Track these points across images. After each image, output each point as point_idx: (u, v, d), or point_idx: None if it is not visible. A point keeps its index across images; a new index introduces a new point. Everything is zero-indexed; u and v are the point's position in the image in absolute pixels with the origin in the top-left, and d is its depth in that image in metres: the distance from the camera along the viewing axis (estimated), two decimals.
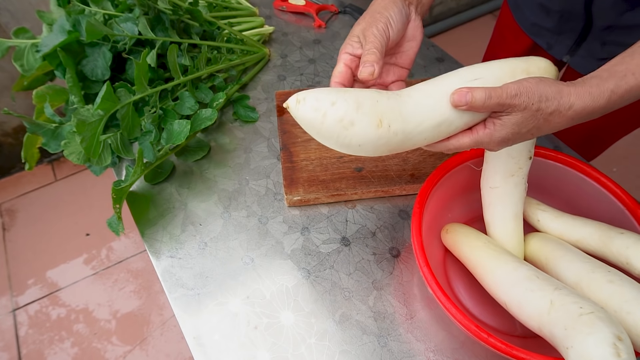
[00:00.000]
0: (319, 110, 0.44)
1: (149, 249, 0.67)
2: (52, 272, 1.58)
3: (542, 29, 0.80)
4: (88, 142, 0.65)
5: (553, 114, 0.43)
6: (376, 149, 0.46)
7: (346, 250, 0.65)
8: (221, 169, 0.75)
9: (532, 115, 0.43)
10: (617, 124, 0.85)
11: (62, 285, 1.55)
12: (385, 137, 0.45)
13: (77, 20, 0.75)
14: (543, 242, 0.59)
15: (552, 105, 0.43)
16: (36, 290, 1.54)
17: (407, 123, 0.45)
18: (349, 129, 0.44)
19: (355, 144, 0.45)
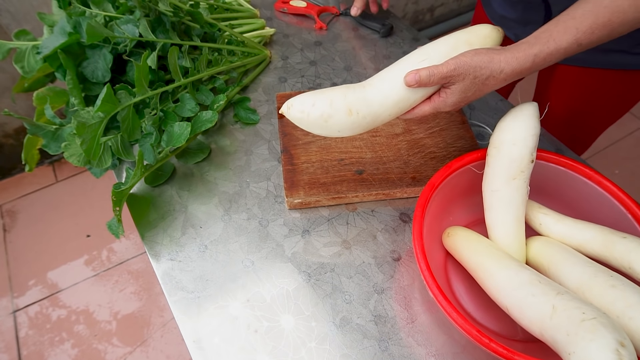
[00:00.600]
0: (303, 112, 0.58)
1: (149, 251, 0.67)
2: (53, 273, 1.58)
3: (510, 20, 0.84)
4: (88, 145, 0.65)
5: (488, 79, 0.54)
6: (352, 130, 0.59)
7: (347, 254, 0.65)
8: (222, 171, 0.75)
9: (471, 82, 0.54)
10: (602, 112, 0.86)
11: (63, 287, 1.55)
12: (357, 121, 0.58)
13: (78, 22, 0.75)
14: (545, 245, 0.59)
15: (486, 72, 0.53)
16: (37, 291, 1.54)
17: (372, 107, 0.58)
18: (328, 121, 0.58)
19: (335, 131, 0.59)
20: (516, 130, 0.56)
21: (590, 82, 0.79)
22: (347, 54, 0.95)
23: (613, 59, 0.74)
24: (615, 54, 0.73)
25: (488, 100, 0.85)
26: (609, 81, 0.78)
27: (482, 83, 0.54)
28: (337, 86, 0.60)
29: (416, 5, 2.21)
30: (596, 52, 0.58)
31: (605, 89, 0.80)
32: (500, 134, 0.57)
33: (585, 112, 0.86)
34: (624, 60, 0.73)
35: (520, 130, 0.56)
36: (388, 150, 0.74)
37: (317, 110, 0.57)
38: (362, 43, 0.98)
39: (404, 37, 0.99)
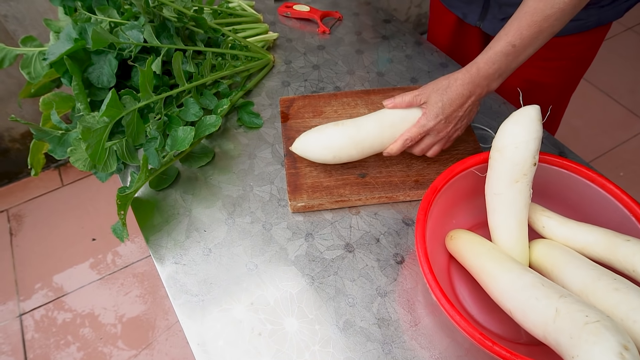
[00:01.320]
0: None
1: (153, 255, 0.67)
2: (59, 276, 1.59)
3: (456, 1, 0.93)
4: (93, 149, 0.66)
5: (448, 88, 0.64)
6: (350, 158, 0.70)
7: (350, 257, 0.65)
8: (225, 175, 0.76)
9: (436, 93, 0.65)
10: (556, 80, 0.92)
11: (68, 290, 1.56)
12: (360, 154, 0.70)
13: (84, 29, 0.76)
14: (548, 248, 0.59)
15: (444, 82, 0.65)
16: (43, 295, 1.55)
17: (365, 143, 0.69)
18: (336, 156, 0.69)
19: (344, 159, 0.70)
20: (518, 134, 0.56)
21: (540, 50, 0.86)
22: (349, 58, 0.96)
23: None
24: None
25: (491, 104, 0.85)
26: (551, 46, 0.82)
27: (444, 91, 0.64)
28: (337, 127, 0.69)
29: (419, 8, 2.22)
30: None
31: (549, 53, 0.86)
32: (503, 138, 0.58)
33: (542, 83, 0.92)
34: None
35: (522, 134, 0.56)
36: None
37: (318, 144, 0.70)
38: (365, 47, 0.98)
39: (406, 41, 0.99)
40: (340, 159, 0.69)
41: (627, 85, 2.05)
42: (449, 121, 0.66)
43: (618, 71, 2.08)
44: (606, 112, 1.96)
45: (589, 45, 0.86)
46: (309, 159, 0.71)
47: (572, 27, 0.80)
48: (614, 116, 1.95)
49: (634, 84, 2.05)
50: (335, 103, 0.83)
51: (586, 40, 0.84)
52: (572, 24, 0.79)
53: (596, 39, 0.86)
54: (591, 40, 0.85)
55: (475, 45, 0.99)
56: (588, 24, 0.80)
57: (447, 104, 0.65)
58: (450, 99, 0.64)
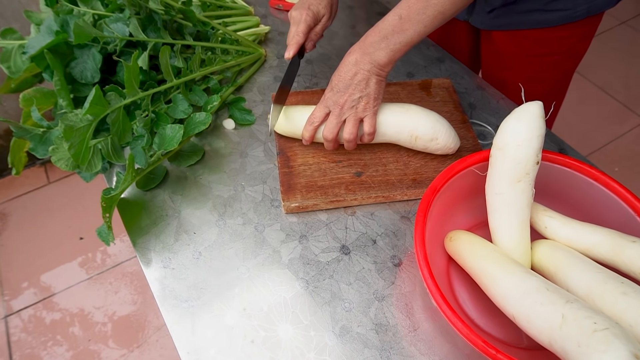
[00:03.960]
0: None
1: (140, 259, 0.64)
2: (46, 276, 1.55)
3: None
4: (77, 149, 0.63)
5: (343, 60, 0.66)
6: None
7: (346, 259, 0.63)
8: (216, 174, 0.73)
9: (333, 77, 0.66)
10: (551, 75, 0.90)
11: (56, 290, 1.52)
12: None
13: (65, 21, 0.72)
14: (551, 250, 0.57)
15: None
16: (30, 294, 1.51)
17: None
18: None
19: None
20: (520, 131, 0.54)
21: (526, 44, 0.84)
22: (344, 52, 0.92)
23: (535, 18, 0.79)
24: (534, 13, 0.78)
25: (489, 99, 0.83)
26: (542, 41, 0.83)
27: (338, 69, 0.65)
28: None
29: None
30: (517, 13, 0.65)
31: (539, 48, 0.84)
32: (504, 135, 0.55)
33: (536, 80, 0.90)
34: (543, 17, 0.79)
35: (524, 131, 0.54)
36: (387, 152, 0.72)
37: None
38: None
39: None
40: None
41: (621, 79, 2.04)
42: (340, 89, 0.64)
43: (612, 66, 2.07)
44: (601, 107, 1.96)
45: (579, 38, 0.84)
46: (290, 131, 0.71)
47: (560, 18, 0.78)
48: (609, 111, 1.94)
49: (628, 78, 2.05)
50: None
51: (577, 33, 0.82)
52: (560, 14, 0.77)
53: (587, 31, 0.83)
54: (582, 32, 0.82)
55: (465, 39, 0.97)
56: (577, 14, 0.77)
57: (335, 75, 0.65)
58: (337, 70, 0.65)
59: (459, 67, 0.90)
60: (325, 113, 0.66)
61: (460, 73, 0.88)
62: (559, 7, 0.76)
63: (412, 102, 0.79)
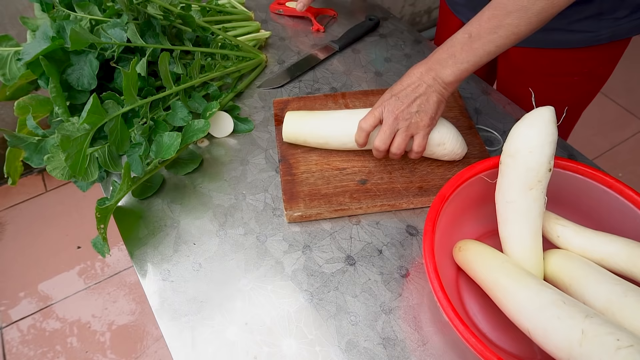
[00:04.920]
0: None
1: (138, 271, 0.62)
2: (43, 286, 1.52)
3: (459, 5, 0.88)
4: (74, 159, 0.60)
5: (402, 80, 0.63)
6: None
7: (351, 270, 0.61)
8: (216, 182, 0.71)
9: (395, 88, 0.63)
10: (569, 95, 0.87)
11: (54, 300, 1.50)
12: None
13: (62, 27, 0.70)
14: (565, 260, 0.55)
15: (397, 85, 0.63)
16: (26, 305, 1.49)
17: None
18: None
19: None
20: (532, 137, 0.52)
21: (544, 62, 0.82)
22: (346, 57, 0.91)
23: (555, 38, 0.77)
24: (555, 33, 0.76)
25: (495, 105, 0.81)
26: (561, 61, 0.81)
27: (400, 82, 0.63)
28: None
29: (413, 7, 2.18)
30: (539, 32, 0.61)
31: (557, 68, 0.82)
32: (515, 142, 0.53)
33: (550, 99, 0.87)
34: (564, 38, 0.76)
35: (536, 137, 0.52)
36: (392, 159, 0.70)
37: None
38: (362, 45, 0.94)
39: (404, 39, 0.95)
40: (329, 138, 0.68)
41: (623, 84, 2.03)
42: (400, 97, 0.62)
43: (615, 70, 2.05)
44: (603, 111, 1.94)
45: (602, 62, 0.80)
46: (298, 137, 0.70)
47: (582, 40, 0.75)
48: (611, 116, 1.93)
49: (630, 82, 2.03)
50: (331, 104, 0.79)
51: (599, 56, 0.78)
52: (582, 36, 0.74)
53: (612, 55, 0.79)
54: (605, 56, 0.79)
55: None
56: (600, 37, 0.74)
57: (398, 83, 0.63)
58: (401, 79, 0.63)
59: None
60: (377, 120, 0.63)
61: (465, 78, 0.86)
62: (582, 28, 0.73)
63: None
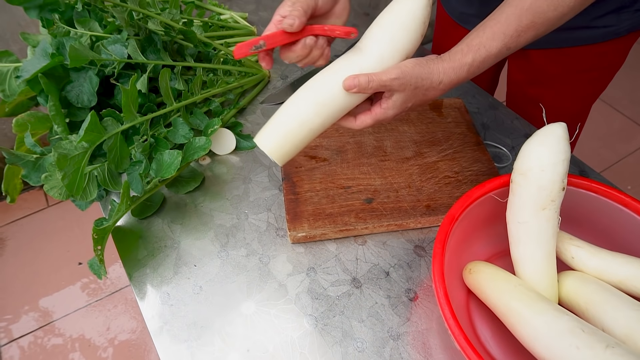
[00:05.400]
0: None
1: (137, 294, 0.60)
2: (44, 302, 1.50)
3: (470, 16, 0.86)
4: (71, 179, 0.59)
5: (429, 90, 0.54)
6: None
7: (357, 293, 0.58)
8: (218, 201, 0.69)
9: (412, 92, 0.53)
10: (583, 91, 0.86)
11: (55, 316, 1.47)
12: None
13: (62, 43, 0.69)
14: (580, 283, 0.52)
15: (427, 83, 0.53)
16: (28, 320, 1.46)
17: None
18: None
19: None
20: (544, 155, 0.50)
21: (567, 61, 0.80)
22: None
23: (577, 35, 0.75)
24: (577, 31, 0.75)
25: (503, 119, 0.79)
26: (582, 57, 0.79)
27: (423, 94, 0.54)
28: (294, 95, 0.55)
29: None
30: (561, 31, 0.59)
31: (580, 65, 0.80)
32: (527, 160, 0.52)
33: (567, 94, 0.86)
34: (586, 35, 0.75)
35: (549, 155, 0.50)
36: (399, 176, 0.68)
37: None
38: None
39: None
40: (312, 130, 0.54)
41: (629, 95, 2.01)
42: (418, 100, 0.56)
43: (620, 81, 2.03)
44: (609, 123, 1.92)
45: (618, 53, 0.80)
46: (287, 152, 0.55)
47: (603, 34, 0.74)
48: (618, 127, 1.91)
49: (635, 93, 2.02)
50: None
51: (616, 49, 0.78)
52: (603, 31, 0.74)
53: (626, 45, 0.79)
54: (621, 47, 0.79)
55: None
56: (620, 30, 0.74)
57: (414, 107, 0.56)
58: (421, 103, 0.56)
59: (469, 86, 0.86)
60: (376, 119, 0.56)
61: (471, 92, 0.85)
62: (604, 23, 0.73)
63: (423, 123, 0.76)
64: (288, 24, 0.51)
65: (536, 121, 0.82)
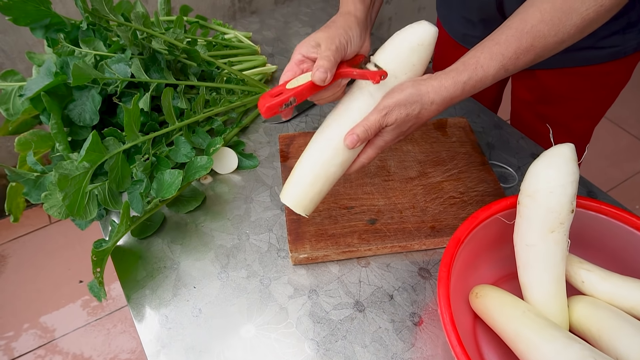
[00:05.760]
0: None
1: (135, 316, 0.59)
2: (45, 320, 1.48)
3: (473, 37, 0.85)
4: (72, 199, 0.58)
5: (421, 112, 0.52)
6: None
7: (360, 317, 0.57)
8: (219, 221, 0.68)
9: (404, 119, 0.52)
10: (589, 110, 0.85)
11: (56, 335, 1.45)
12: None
13: (66, 62, 0.69)
14: (592, 308, 0.51)
15: (417, 107, 0.52)
16: (29, 338, 1.44)
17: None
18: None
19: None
20: (553, 177, 0.49)
21: (573, 80, 0.80)
22: None
23: (584, 55, 0.75)
24: (584, 51, 0.74)
25: (508, 139, 0.78)
26: (589, 77, 0.79)
27: (416, 117, 0.53)
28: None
29: None
30: (567, 51, 0.57)
31: (587, 84, 0.80)
32: (534, 181, 0.50)
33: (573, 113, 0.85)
34: (593, 55, 0.75)
35: (557, 176, 0.49)
36: (403, 196, 0.67)
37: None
38: None
39: None
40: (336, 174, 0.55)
41: (636, 114, 2.00)
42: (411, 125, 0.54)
43: (626, 100, 2.02)
44: (616, 142, 1.90)
45: (624, 72, 0.80)
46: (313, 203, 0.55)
47: (609, 54, 0.74)
48: (624, 146, 1.89)
49: None
50: None
51: (622, 68, 0.78)
52: (609, 51, 0.73)
53: (632, 64, 0.79)
54: (628, 66, 0.78)
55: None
56: (626, 49, 0.74)
57: (411, 129, 0.55)
58: (417, 124, 0.55)
59: (473, 105, 0.86)
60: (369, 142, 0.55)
61: (475, 111, 0.84)
62: (610, 43, 0.73)
63: (427, 142, 0.75)
64: (320, 79, 0.50)
65: (542, 140, 0.81)
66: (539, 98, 0.84)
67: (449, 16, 0.89)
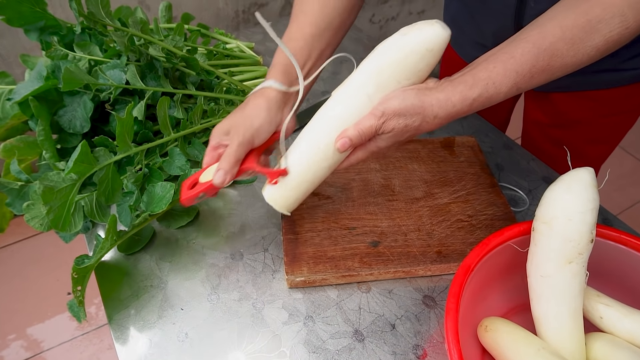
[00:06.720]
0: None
1: (116, 339, 0.54)
2: (32, 332, 1.43)
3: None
4: (56, 213, 0.54)
5: (422, 125, 0.49)
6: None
7: (359, 348, 0.53)
8: (211, 238, 0.64)
9: (403, 129, 0.49)
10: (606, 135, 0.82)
11: (44, 347, 1.40)
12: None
13: (57, 66, 0.66)
14: (611, 347, 0.47)
15: (418, 120, 0.48)
16: (16, 350, 1.38)
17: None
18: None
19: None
20: (572, 203, 0.46)
21: (591, 104, 0.76)
22: None
23: (604, 78, 0.72)
24: (604, 74, 0.71)
25: (519, 160, 0.75)
26: (608, 101, 0.75)
27: (415, 129, 0.50)
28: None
29: None
30: (586, 74, 0.55)
31: (605, 108, 0.76)
32: (551, 207, 0.47)
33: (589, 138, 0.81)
34: (614, 78, 0.71)
35: (576, 203, 0.45)
36: (407, 218, 0.63)
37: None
38: None
39: None
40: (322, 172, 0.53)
41: None
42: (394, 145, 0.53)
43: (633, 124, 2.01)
44: (621, 166, 1.87)
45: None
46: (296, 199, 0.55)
47: (631, 77, 0.70)
48: (629, 170, 1.86)
49: None
50: None
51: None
52: (631, 73, 0.70)
53: None
54: None
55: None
56: None
57: (407, 140, 0.52)
58: (414, 136, 0.52)
59: (482, 124, 0.83)
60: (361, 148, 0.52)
61: (484, 130, 0.81)
62: (632, 65, 0.69)
63: (434, 161, 0.72)
64: (218, 183, 0.50)
65: (554, 163, 0.77)
66: (553, 121, 0.81)
67: (460, 38, 0.85)
